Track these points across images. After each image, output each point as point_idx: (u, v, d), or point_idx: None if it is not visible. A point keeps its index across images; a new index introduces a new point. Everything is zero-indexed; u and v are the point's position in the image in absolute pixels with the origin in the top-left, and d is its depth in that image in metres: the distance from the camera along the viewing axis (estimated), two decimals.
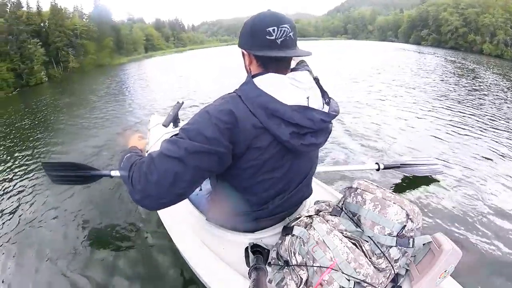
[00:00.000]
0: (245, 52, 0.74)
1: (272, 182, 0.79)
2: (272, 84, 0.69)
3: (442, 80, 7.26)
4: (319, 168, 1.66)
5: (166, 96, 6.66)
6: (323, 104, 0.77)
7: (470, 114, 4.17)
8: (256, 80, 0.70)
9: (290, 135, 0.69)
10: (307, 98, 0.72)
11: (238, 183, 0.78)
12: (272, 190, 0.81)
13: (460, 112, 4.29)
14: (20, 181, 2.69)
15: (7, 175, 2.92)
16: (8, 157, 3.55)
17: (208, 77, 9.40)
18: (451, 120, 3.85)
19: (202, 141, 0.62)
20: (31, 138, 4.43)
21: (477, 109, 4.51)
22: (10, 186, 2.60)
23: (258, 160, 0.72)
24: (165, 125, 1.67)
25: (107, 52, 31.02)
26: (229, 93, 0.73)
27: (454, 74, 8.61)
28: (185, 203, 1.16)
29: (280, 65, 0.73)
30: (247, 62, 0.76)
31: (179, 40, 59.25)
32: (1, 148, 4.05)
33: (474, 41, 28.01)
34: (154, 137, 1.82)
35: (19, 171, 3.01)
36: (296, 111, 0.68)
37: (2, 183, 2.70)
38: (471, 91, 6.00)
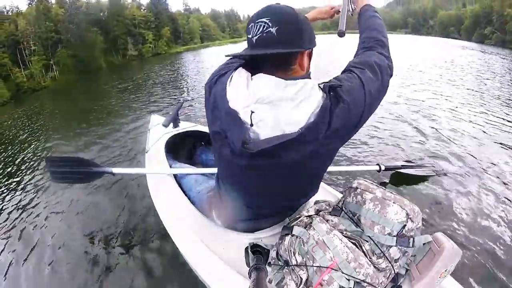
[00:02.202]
0: None
1: (249, 189, 0.77)
2: (235, 78, 0.64)
3: (509, 85, 6.19)
4: None
5: None
6: (296, 131, 0.58)
7: None
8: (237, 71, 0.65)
9: (214, 133, 0.65)
10: (252, 112, 0.58)
11: (229, 182, 0.78)
12: (255, 197, 0.80)
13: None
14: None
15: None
16: (70, 133, 4.34)
17: None
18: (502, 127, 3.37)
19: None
20: (90, 117, 5.12)
21: None
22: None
23: (216, 144, 0.69)
24: (165, 125, 1.68)
25: (165, 41, 31.98)
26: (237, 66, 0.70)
27: None
28: (185, 203, 1.15)
29: (261, 69, 0.61)
30: None
31: (235, 30, 59.02)
32: (63, 126, 5.07)
33: None
34: (154, 137, 1.81)
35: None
36: (229, 115, 0.60)
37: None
38: None
